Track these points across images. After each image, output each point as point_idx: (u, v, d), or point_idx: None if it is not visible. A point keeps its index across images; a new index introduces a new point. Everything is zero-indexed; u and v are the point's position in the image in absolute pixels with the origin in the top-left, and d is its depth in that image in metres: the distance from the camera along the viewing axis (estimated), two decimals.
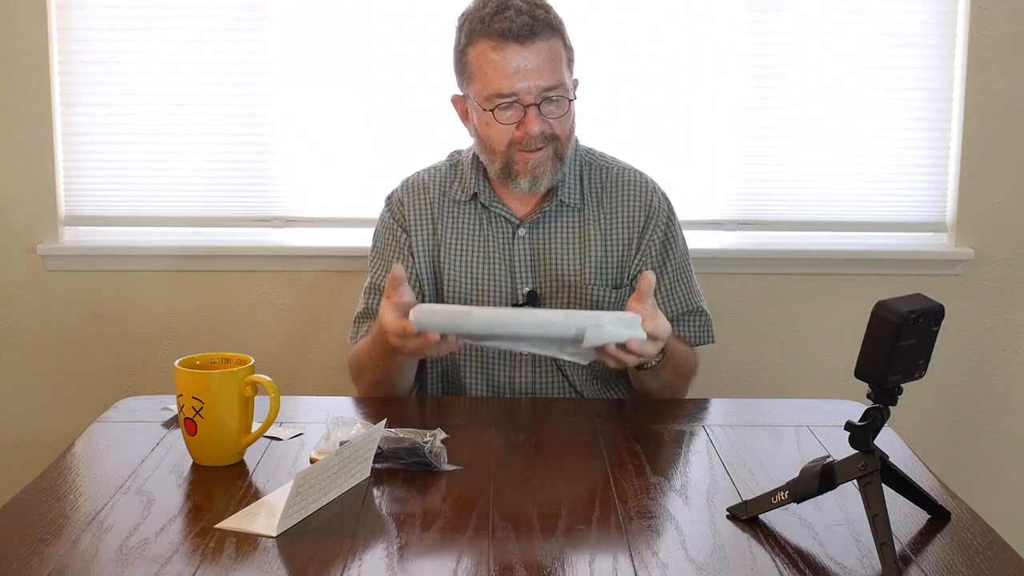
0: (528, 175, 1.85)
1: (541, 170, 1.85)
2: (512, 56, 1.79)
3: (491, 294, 1.92)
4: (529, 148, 1.83)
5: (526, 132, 1.82)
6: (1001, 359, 2.67)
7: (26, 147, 2.55)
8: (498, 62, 1.80)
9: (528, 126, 1.82)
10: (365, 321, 1.96)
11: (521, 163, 1.85)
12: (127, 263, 2.61)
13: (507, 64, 1.79)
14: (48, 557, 1.20)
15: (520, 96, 1.80)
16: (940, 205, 2.63)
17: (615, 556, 1.22)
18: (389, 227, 1.98)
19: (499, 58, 1.80)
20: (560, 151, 1.86)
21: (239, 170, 2.60)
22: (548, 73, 1.80)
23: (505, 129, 1.83)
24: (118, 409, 1.74)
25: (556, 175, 1.88)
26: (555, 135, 1.84)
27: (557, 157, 1.86)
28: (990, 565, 1.20)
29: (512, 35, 1.78)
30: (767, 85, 2.58)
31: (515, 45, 1.79)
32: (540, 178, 1.86)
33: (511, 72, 1.79)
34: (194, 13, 2.53)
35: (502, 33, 1.79)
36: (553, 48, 1.82)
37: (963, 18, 2.54)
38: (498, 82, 1.80)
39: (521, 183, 1.86)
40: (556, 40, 1.83)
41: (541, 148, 1.84)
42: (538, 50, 1.80)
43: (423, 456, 1.45)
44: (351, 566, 1.18)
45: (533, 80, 1.80)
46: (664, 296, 1.94)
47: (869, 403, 1.23)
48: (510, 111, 1.82)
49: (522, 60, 1.79)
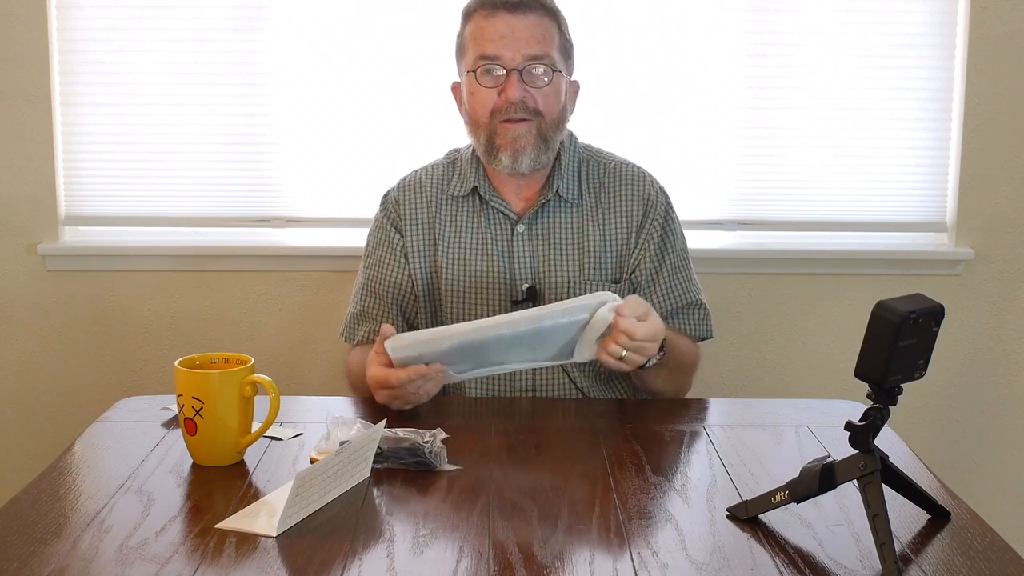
0: (509, 148, 1.87)
1: (522, 143, 1.86)
2: (500, 23, 1.86)
3: (489, 290, 1.93)
4: (511, 117, 1.85)
5: (507, 98, 1.85)
6: (1001, 359, 2.67)
7: (26, 147, 2.55)
8: (487, 28, 1.86)
9: (509, 91, 1.85)
10: (361, 323, 1.96)
11: (502, 134, 1.87)
12: (127, 263, 2.61)
13: (495, 29, 1.86)
14: (48, 557, 1.20)
15: (504, 61, 1.85)
16: (940, 205, 2.64)
17: (615, 556, 1.22)
18: (383, 227, 1.99)
19: (488, 24, 1.87)
20: (544, 131, 1.88)
21: (239, 170, 2.60)
22: (535, 43, 1.86)
23: (487, 94, 1.87)
24: (118, 409, 1.74)
25: (540, 157, 1.88)
26: (539, 111, 1.86)
27: (541, 137, 1.87)
28: (990, 565, 1.20)
29: (502, 4, 1.86)
30: (767, 85, 2.58)
31: (504, 13, 1.86)
32: (521, 153, 1.87)
33: (497, 37, 1.85)
34: (194, 13, 2.53)
35: (493, 3, 1.86)
36: (543, 25, 1.88)
37: (963, 18, 2.54)
38: (484, 45, 1.86)
39: (503, 158, 1.88)
40: (548, 21, 1.89)
41: (523, 120, 1.86)
42: (527, 21, 1.86)
43: (423, 456, 1.45)
44: (351, 566, 1.18)
45: (518, 48, 1.85)
46: (663, 289, 1.94)
47: (869, 403, 1.23)
48: (492, 76, 1.86)
49: (508, 27, 1.85)
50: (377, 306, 1.96)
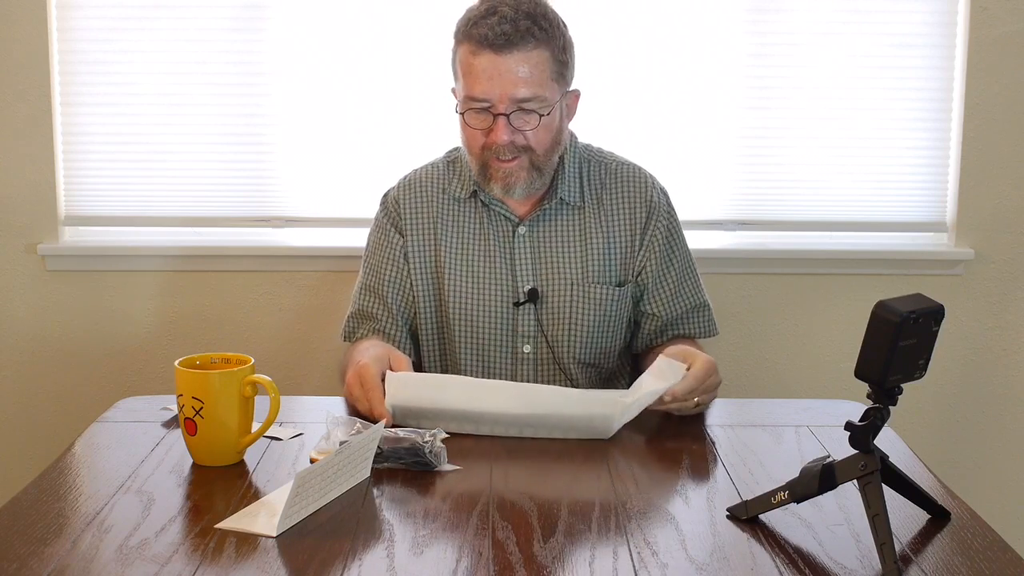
0: (500, 182, 1.86)
1: (513, 179, 1.85)
2: (486, 64, 1.79)
3: (492, 293, 1.93)
4: (501, 156, 1.83)
5: (494, 140, 1.82)
6: (1001, 359, 2.67)
7: (26, 147, 2.55)
8: (474, 67, 1.80)
9: (495, 135, 1.81)
10: (361, 322, 1.96)
11: (494, 169, 1.85)
12: (127, 263, 2.61)
13: (481, 71, 1.79)
14: (48, 557, 1.20)
15: (492, 104, 1.80)
16: (940, 205, 2.64)
17: (615, 556, 1.22)
18: (383, 228, 1.99)
19: (475, 62, 1.80)
20: (537, 163, 1.85)
21: (239, 170, 2.60)
22: (523, 85, 1.79)
23: (476, 133, 1.84)
24: (118, 409, 1.74)
25: (534, 185, 1.87)
26: (529, 147, 1.83)
27: (534, 168, 1.85)
28: (990, 565, 1.20)
29: (487, 42, 1.78)
30: (767, 85, 2.58)
31: (489, 53, 1.78)
32: (513, 187, 1.86)
33: (484, 78, 1.79)
34: (194, 13, 2.53)
35: (480, 39, 1.79)
36: (533, 59, 1.79)
37: (963, 18, 2.54)
38: (471, 86, 1.81)
39: (494, 188, 1.87)
40: (540, 51, 1.80)
41: (514, 158, 1.83)
42: (513, 60, 1.78)
43: (423, 456, 1.45)
44: (351, 566, 1.18)
45: (505, 90, 1.79)
46: (672, 292, 1.94)
47: (869, 403, 1.23)
48: (480, 117, 1.82)
49: (495, 68, 1.78)
50: (377, 305, 1.96)
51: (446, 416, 1.58)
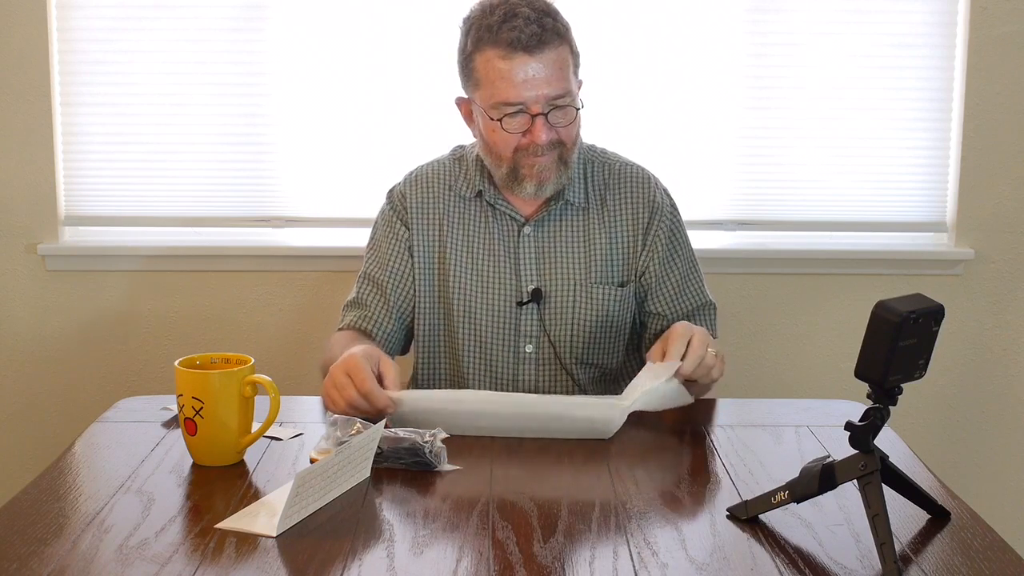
0: (534, 179, 1.85)
1: (547, 174, 1.85)
2: (520, 66, 1.78)
3: (495, 292, 1.93)
4: (536, 153, 1.83)
5: (533, 140, 1.82)
6: (1001, 359, 2.67)
7: (26, 147, 2.55)
8: (506, 71, 1.78)
9: (535, 135, 1.81)
10: (351, 309, 1.96)
11: (527, 167, 1.85)
12: (127, 263, 2.61)
13: (515, 74, 1.78)
14: (48, 557, 1.20)
15: (528, 105, 1.80)
16: (940, 205, 2.64)
17: (615, 556, 1.22)
18: (389, 221, 1.98)
19: (507, 67, 1.78)
20: (565, 156, 1.86)
21: (239, 170, 2.61)
22: (556, 82, 1.79)
23: (512, 137, 1.83)
24: (118, 409, 1.74)
25: (561, 179, 1.88)
26: (561, 141, 1.84)
27: (562, 162, 1.86)
28: (990, 565, 1.20)
29: (520, 45, 1.77)
30: (767, 85, 2.58)
31: (523, 55, 1.77)
32: (546, 183, 1.86)
33: (519, 82, 1.78)
34: (194, 13, 2.53)
35: (511, 43, 1.77)
36: (560, 56, 1.81)
37: (963, 18, 2.54)
38: (506, 91, 1.79)
39: (527, 187, 1.86)
40: (563, 47, 1.82)
41: (547, 153, 1.84)
42: (546, 59, 1.79)
43: (423, 456, 1.45)
44: (351, 566, 1.18)
45: (541, 89, 1.79)
46: (676, 292, 1.94)
47: (869, 403, 1.23)
48: (517, 120, 1.81)
49: (530, 70, 1.78)
50: (374, 294, 1.95)
51: (447, 416, 1.59)
